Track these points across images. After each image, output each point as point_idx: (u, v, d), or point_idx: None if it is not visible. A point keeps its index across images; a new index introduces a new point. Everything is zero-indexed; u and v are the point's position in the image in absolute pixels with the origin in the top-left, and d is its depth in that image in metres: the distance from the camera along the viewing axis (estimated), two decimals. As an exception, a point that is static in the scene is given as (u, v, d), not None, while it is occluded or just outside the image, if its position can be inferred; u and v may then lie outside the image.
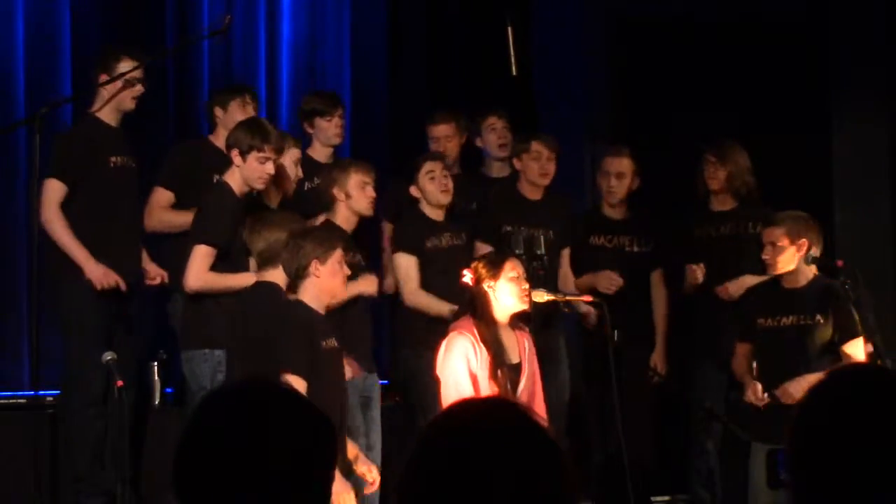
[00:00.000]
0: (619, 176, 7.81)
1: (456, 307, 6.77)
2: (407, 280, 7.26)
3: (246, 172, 6.61)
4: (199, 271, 6.49)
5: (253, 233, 6.27)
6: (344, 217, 6.96)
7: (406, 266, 7.25)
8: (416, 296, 7.22)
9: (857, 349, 6.65)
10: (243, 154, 6.60)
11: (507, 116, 8.08)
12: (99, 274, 6.70)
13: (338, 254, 6.02)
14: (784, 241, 6.67)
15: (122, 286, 6.75)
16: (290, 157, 7.01)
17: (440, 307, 7.07)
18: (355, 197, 6.97)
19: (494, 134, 7.98)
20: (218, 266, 6.53)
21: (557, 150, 7.69)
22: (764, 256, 6.75)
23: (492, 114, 8.03)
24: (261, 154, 6.59)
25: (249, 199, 6.72)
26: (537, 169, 7.63)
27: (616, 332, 6.91)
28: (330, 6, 9.12)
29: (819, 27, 8.95)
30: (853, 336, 6.66)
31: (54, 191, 6.74)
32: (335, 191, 6.98)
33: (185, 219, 6.91)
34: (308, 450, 2.34)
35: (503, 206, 7.65)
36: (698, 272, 7.50)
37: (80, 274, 6.70)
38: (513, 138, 7.96)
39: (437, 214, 7.36)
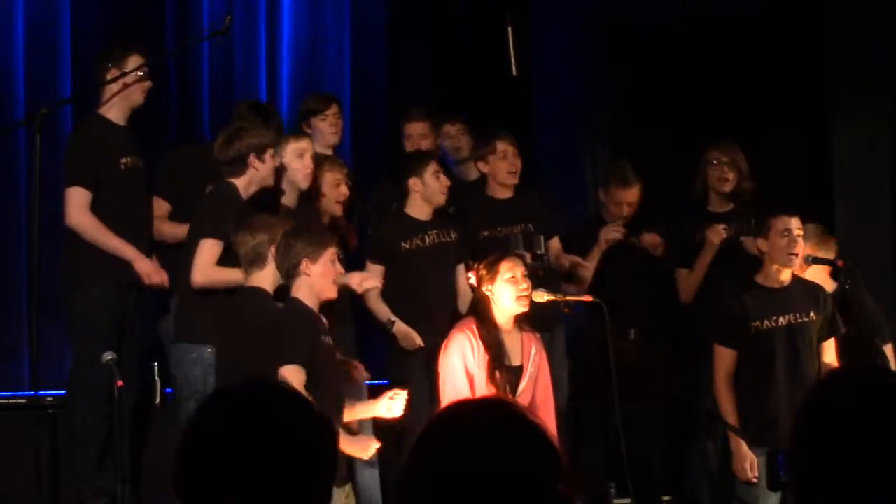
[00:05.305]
0: (629, 204, 7.82)
1: (392, 319, 6.97)
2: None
3: (264, 172, 6.64)
4: (205, 265, 6.45)
5: (238, 235, 6.25)
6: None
7: (372, 274, 7.17)
8: (372, 303, 7.17)
9: (830, 349, 6.77)
10: (260, 156, 6.62)
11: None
12: (150, 268, 6.73)
13: (329, 253, 6.02)
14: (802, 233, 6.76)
15: (167, 284, 6.80)
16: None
17: (383, 316, 7.10)
18: (328, 196, 7.00)
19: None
20: (223, 260, 6.51)
21: (517, 144, 7.66)
22: (796, 251, 6.70)
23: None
24: (272, 149, 6.68)
25: (255, 204, 6.72)
26: (506, 168, 7.58)
27: (633, 330, 6.91)
28: (330, 6, 9.13)
29: (819, 27, 8.95)
30: (832, 335, 6.76)
31: (81, 198, 6.69)
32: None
33: (183, 231, 6.90)
34: (309, 449, 2.34)
35: (475, 212, 7.61)
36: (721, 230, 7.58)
37: (92, 277, 6.68)
38: (472, 141, 7.91)
39: (423, 213, 7.31)
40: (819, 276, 7.05)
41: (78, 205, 6.69)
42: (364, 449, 6.13)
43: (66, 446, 6.93)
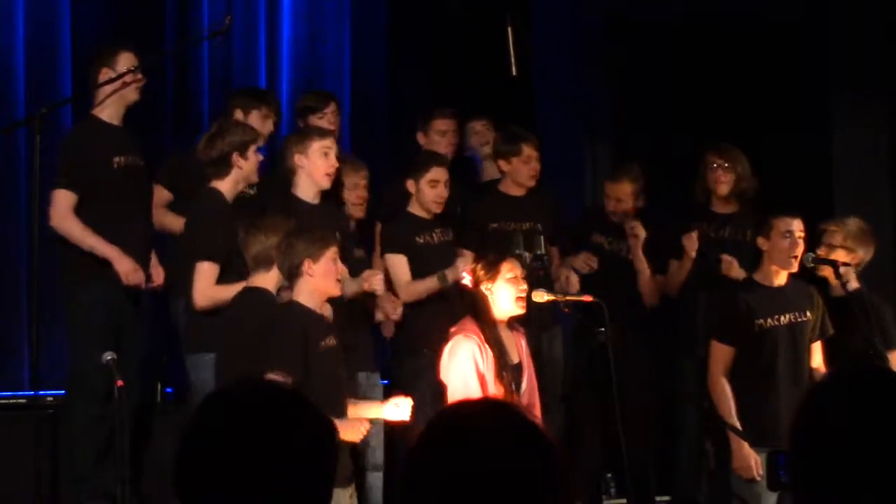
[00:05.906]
0: (618, 200, 7.87)
1: (440, 274, 6.99)
2: (400, 277, 7.22)
3: (248, 170, 6.64)
4: (205, 289, 6.49)
5: (248, 236, 6.25)
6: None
7: (397, 264, 7.23)
8: (410, 287, 7.19)
9: (817, 351, 6.78)
10: (243, 153, 6.62)
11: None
12: (129, 268, 6.70)
13: (331, 252, 6.01)
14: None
15: (143, 285, 6.79)
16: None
17: (432, 283, 7.10)
18: (347, 199, 7.16)
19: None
20: (221, 275, 6.51)
21: (540, 147, 7.72)
22: (796, 253, 6.70)
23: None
24: (255, 145, 6.68)
25: (244, 201, 6.72)
26: (527, 171, 7.67)
27: (602, 330, 6.92)
28: (330, 6, 9.13)
29: (819, 27, 8.95)
30: (821, 337, 6.77)
31: (65, 200, 6.71)
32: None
33: (181, 224, 6.90)
34: (309, 450, 2.34)
35: (486, 205, 7.68)
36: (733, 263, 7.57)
37: (90, 277, 6.68)
38: (497, 139, 7.94)
39: (424, 213, 7.34)
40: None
41: (60, 208, 6.72)
42: (355, 431, 5.89)
43: (66, 446, 6.93)
